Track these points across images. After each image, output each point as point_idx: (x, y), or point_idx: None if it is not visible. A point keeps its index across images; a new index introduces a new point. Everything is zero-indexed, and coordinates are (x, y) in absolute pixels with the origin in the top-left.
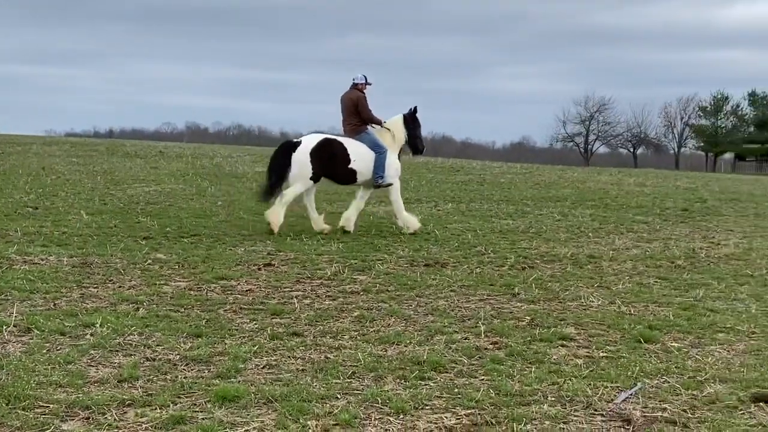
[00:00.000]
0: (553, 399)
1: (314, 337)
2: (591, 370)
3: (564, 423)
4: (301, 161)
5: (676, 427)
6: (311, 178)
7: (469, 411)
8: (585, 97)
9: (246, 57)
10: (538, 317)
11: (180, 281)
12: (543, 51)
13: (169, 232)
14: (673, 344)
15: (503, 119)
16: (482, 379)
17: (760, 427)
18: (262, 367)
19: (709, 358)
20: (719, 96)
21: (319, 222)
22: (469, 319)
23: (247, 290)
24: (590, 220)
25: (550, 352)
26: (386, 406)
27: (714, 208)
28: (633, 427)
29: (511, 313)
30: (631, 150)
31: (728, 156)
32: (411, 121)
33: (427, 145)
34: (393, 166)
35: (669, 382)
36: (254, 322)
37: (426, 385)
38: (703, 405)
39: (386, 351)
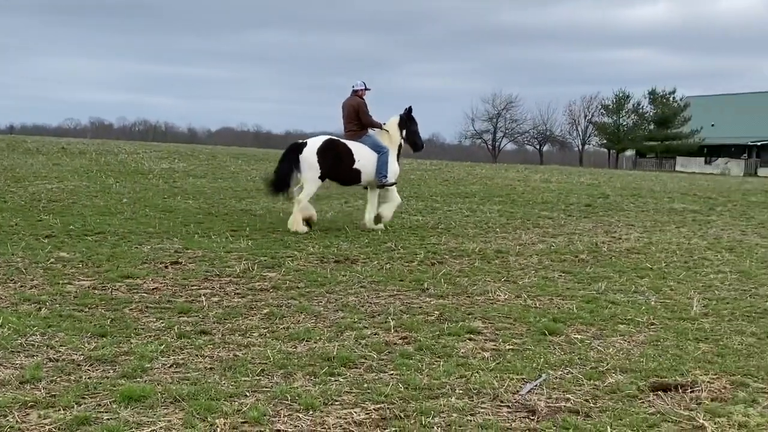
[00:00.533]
0: (460, 392)
1: (223, 335)
2: (498, 363)
3: (471, 415)
4: (309, 162)
5: (579, 417)
6: (320, 178)
7: (379, 405)
8: (492, 95)
9: (152, 51)
10: (447, 312)
11: (84, 280)
12: (452, 49)
13: (73, 230)
14: (576, 336)
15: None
16: (391, 374)
17: (658, 415)
18: (169, 366)
19: (610, 349)
20: (621, 94)
21: (299, 221)
22: (378, 315)
23: (153, 289)
24: (498, 216)
25: (458, 345)
26: (296, 402)
27: (616, 204)
28: (537, 418)
29: (420, 308)
30: (538, 147)
31: (630, 153)
32: (407, 120)
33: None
34: (392, 166)
35: (572, 373)
36: (161, 321)
37: (336, 380)
38: (604, 394)
39: (296, 348)
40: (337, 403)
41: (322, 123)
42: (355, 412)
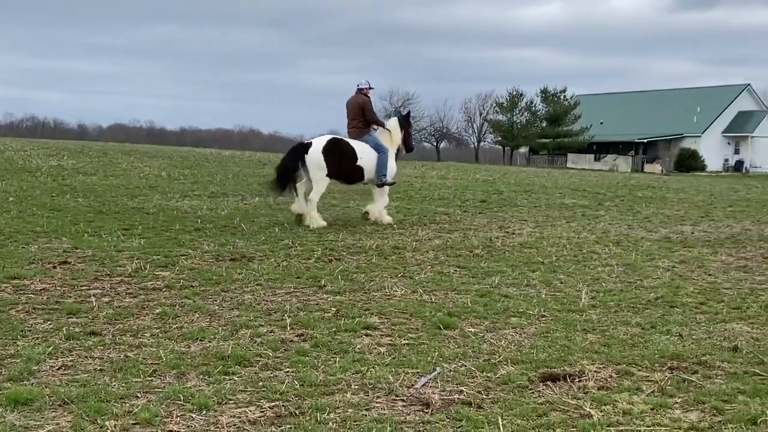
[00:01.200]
0: (356, 387)
1: (113, 335)
2: (393, 358)
3: (366, 410)
4: (316, 161)
5: (472, 408)
6: (327, 176)
7: (274, 403)
8: (390, 92)
9: (41, 45)
10: (344, 308)
11: None
12: (349, 45)
13: None
14: (470, 329)
15: (312, 112)
16: (287, 371)
17: (547, 404)
18: (58, 369)
19: (502, 342)
20: (515, 93)
21: (301, 208)
22: (275, 312)
23: (41, 289)
24: (395, 212)
25: (354, 341)
26: (189, 402)
27: (510, 200)
28: (431, 410)
29: (317, 305)
30: (435, 144)
31: (524, 150)
32: (405, 123)
33: (239, 137)
34: (391, 166)
35: (466, 366)
36: (49, 323)
37: (230, 379)
38: (496, 386)
39: (189, 347)
40: (231, 402)
41: (218, 119)
42: (250, 411)
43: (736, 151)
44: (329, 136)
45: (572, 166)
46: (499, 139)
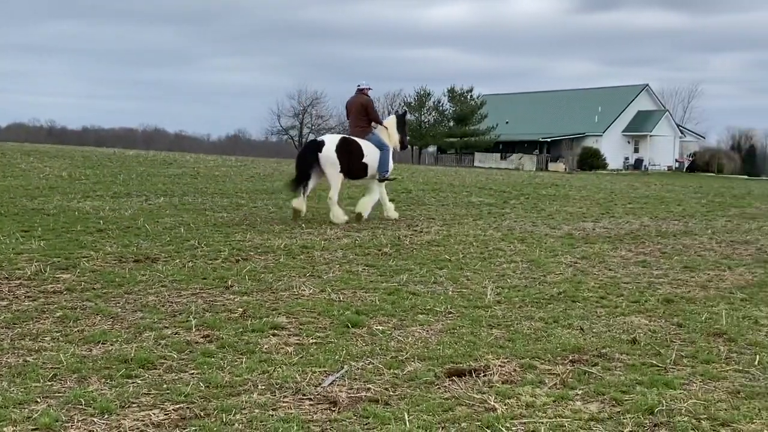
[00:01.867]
0: (263, 387)
1: (12, 340)
2: (301, 357)
3: (273, 410)
4: (330, 159)
5: (379, 405)
6: (341, 172)
7: (178, 406)
8: (298, 91)
9: None
10: (251, 308)
11: None
12: (256, 43)
13: None
14: (378, 327)
15: (218, 111)
16: (192, 373)
17: (453, 399)
18: None
19: (409, 339)
20: (422, 92)
21: (338, 215)
22: (180, 314)
23: None
24: (306, 212)
25: (261, 341)
26: (90, 406)
27: (418, 198)
28: (339, 408)
29: (223, 305)
30: None
31: (432, 149)
32: (402, 121)
33: (143, 137)
34: (390, 162)
35: (373, 363)
36: None
37: (133, 383)
38: (403, 382)
39: (91, 351)
40: (134, 405)
41: (122, 118)
42: (154, 414)
43: (636, 150)
44: (340, 135)
45: (479, 165)
46: (408, 138)
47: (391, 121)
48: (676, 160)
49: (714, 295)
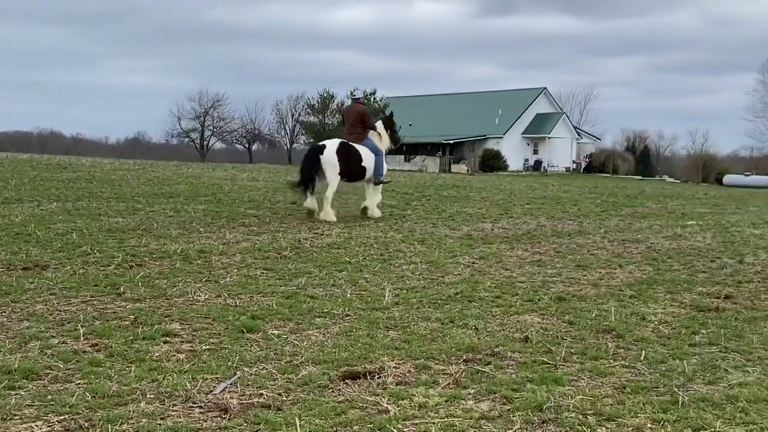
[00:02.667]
0: (152, 396)
1: None
2: (192, 364)
3: (161, 419)
4: (331, 162)
5: (271, 411)
6: (339, 174)
7: (62, 417)
8: (199, 93)
9: None
10: (143, 315)
11: None
12: (157, 44)
13: None
14: (273, 332)
15: (116, 114)
16: (78, 383)
17: (346, 402)
18: None
19: (305, 343)
20: (326, 94)
21: (313, 204)
22: (68, 323)
23: None
24: (203, 216)
25: (152, 349)
26: None
27: (319, 201)
28: (230, 416)
29: (114, 313)
30: (247, 146)
31: None
32: (389, 122)
33: (38, 140)
34: (384, 166)
35: (267, 369)
36: None
37: (16, 394)
38: (297, 387)
39: None
40: (16, 417)
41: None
42: (37, 426)
43: (536, 151)
44: (339, 140)
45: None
46: (312, 140)
47: (379, 125)
48: (574, 161)
49: (605, 292)
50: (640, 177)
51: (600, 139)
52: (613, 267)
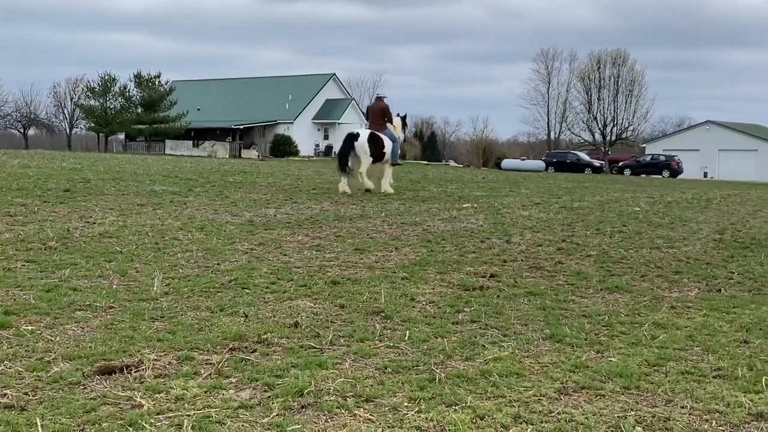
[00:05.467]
0: None
1: None
2: None
3: None
4: (364, 147)
5: (14, 411)
6: (370, 156)
7: None
8: None
9: None
10: None
11: None
12: None
13: None
14: (27, 327)
15: None
16: None
17: (98, 398)
18: None
19: (60, 338)
20: (107, 77)
21: (362, 185)
22: None
23: None
24: None
25: None
26: None
27: (97, 188)
28: None
29: None
30: (22, 131)
31: (121, 136)
32: (404, 122)
33: None
34: (398, 151)
35: (15, 367)
36: None
37: None
38: (46, 385)
39: None
40: None
41: None
42: None
43: (326, 137)
44: (369, 131)
45: (171, 153)
46: (92, 125)
47: (397, 120)
48: None
49: (379, 275)
50: (426, 162)
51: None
52: (389, 249)
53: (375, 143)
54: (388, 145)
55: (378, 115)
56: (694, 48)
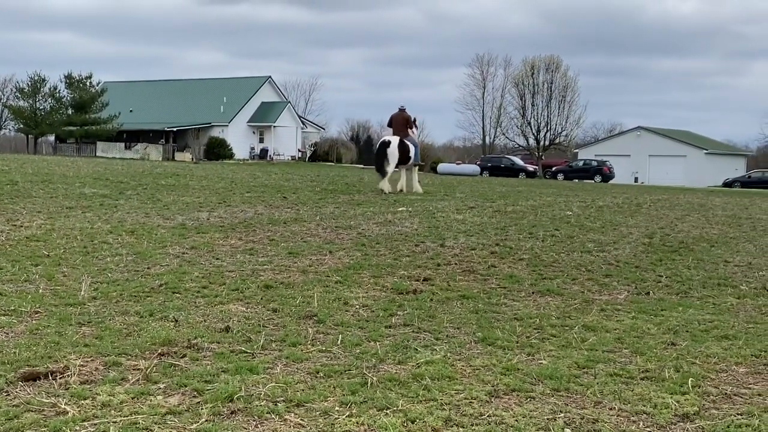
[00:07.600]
0: None
1: None
2: None
3: None
4: (394, 153)
5: None
6: (399, 160)
7: None
8: None
9: None
10: None
11: None
12: None
13: None
14: None
15: None
16: None
17: (21, 405)
18: None
19: None
20: (36, 78)
21: (386, 186)
22: None
23: None
24: None
25: None
26: None
27: (24, 191)
28: None
29: None
30: None
31: (51, 138)
32: (414, 123)
33: None
34: (418, 154)
35: None
36: None
37: None
38: None
39: None
40: None
41: None
42: None
43: (261, 140)
44: (398, 138)
45: (102, 155)
46: (21, 126)
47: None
48: (299, 150)
49: (312, 279)
50: (362, 166)
51: (325, 129)
52: (323, 253)
53: (403, 149)
54: (412, 149)
55: (401, 123)
56: (626, 55)
